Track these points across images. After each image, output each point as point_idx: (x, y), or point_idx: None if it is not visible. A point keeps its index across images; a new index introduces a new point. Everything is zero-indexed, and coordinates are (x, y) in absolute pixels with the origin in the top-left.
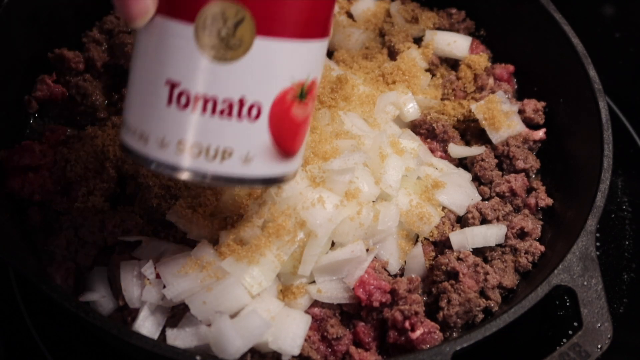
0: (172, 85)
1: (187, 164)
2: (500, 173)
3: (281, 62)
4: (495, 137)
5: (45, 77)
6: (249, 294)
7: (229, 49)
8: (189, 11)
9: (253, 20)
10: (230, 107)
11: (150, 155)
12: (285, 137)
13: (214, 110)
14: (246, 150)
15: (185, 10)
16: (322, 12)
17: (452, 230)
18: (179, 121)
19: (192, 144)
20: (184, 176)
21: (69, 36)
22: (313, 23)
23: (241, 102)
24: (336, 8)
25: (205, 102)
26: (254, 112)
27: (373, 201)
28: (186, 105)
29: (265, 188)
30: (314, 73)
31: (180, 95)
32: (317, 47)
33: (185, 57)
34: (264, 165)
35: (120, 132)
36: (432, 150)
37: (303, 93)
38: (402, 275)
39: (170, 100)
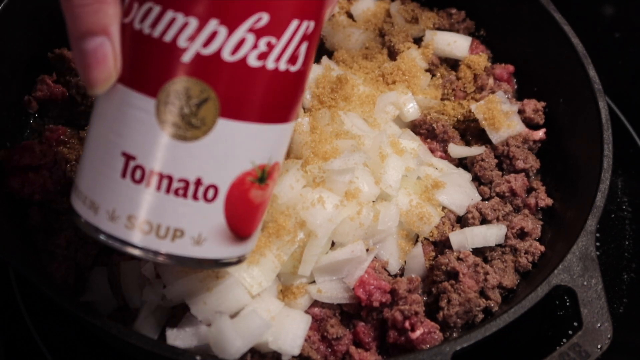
0: (128, 158)
1: (137, 240)
2: (500, 173)
3: (243, 145)
4: (495, 137)
5: (45, 77)
6: (249, 294)
7: (190, 128)
8: (152, 85)
9: (218, 100)
10: (186, 187)
11: (100, 226)
12: (241, 220)
13: (168, 189)
14: (198, 231)
15: (148, 83)
16: (289, 97)
17: (452, 230)
18: (131, 196)
19: (143, 221)
20: (134, 252)
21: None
22: (279, 107)
23: (197, 183)
24: (336, 8)
25: (161, 179)
26: (210, 193)
27: (373, 201)
28: (140, 180)
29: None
30: (276, 157)
31: (135, 169)
32: (281, 131)
33: (144, 131)
34: (217, 247)
35: (71, 195)
36: (432, 150)
37: (263, 177)
38: (402, 275)
39: (124, 173)
